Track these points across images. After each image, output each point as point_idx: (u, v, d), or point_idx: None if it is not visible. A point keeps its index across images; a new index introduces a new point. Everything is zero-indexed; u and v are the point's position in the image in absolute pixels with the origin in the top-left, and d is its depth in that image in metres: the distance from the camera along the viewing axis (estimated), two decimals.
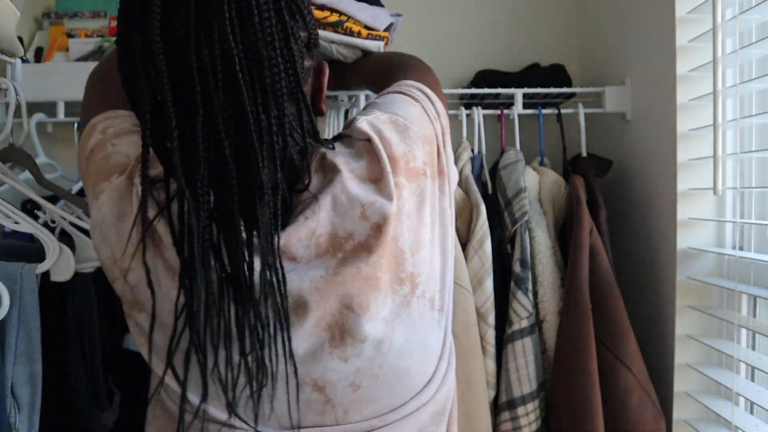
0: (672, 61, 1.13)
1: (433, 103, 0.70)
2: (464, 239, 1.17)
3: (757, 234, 1.06)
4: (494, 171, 1.27)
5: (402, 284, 0.60)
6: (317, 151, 0.62)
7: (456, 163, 1.30)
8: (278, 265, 0.53)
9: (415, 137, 0.64)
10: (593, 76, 1.51)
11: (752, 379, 1.08)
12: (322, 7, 1.10)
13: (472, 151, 1.30)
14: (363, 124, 0.62)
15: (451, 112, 1.34)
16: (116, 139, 0.64)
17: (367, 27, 1.13)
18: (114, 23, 1.43)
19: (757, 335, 1.08)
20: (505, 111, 1.32)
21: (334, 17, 1.12)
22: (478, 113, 1.30)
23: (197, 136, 0.50)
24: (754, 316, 1.08)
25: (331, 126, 1.38)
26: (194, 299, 0.52)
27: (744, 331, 1.09)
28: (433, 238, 0.62)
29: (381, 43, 1.13)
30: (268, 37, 0.51)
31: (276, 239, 0.53)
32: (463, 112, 1.30)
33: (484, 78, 1.44)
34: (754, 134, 1.08)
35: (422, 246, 0.61)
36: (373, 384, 0.60)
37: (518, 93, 1.31)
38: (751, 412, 1.06)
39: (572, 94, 1.39)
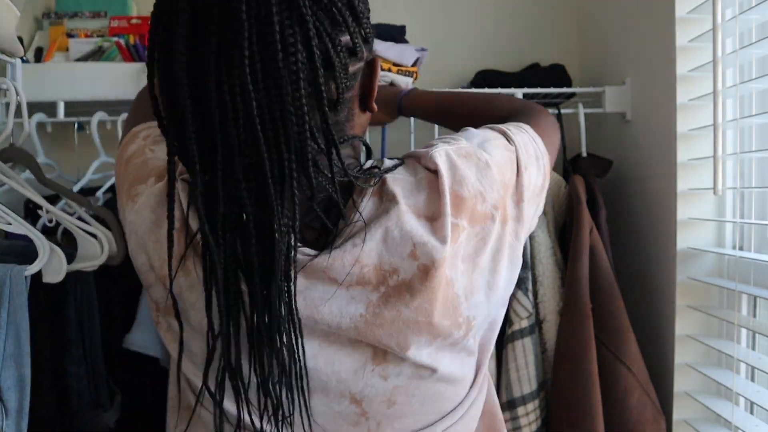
0: (672, 61, 1.13)
1: (520, 156, 0.65)
2: None
3: (757, 234, 1.06)
4: None
5: (459, 328, 0.58)
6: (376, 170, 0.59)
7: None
8: (293, 317, 0.53)
9: (493, 179, 0.60)
10: (593, 76, 1.51)
11: (752, 379, 1.08)
12: None
13: None
14: (440, 154, 0.58)
15: None
16: (155, 146, 0.65)
17: (396, 64, 1.23)
18: (114, 23, 1.43)
19: (757, 335, 1.08)
20: None
21: None
22: None
23: (216, 177, 0.49)
24: (754, 316, 1.08)
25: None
26: (225, 335, 0.53)
27: (744, 331, 1.09)
28: (492, 283, 0.60)
29: (410, 79, 1.23)
30: (292, 75, 0.47)
31: (289, 290, 0.52)
32: None
33: (484, 78, 1.44)
34: (754, 134, 1.08)
35: (476, 290, 0.59)
36: (407, 402, 0.60)
37: (518, 93, 1.31)
38: (751, 412, 1.06)
39: (572, 94, 1.39)
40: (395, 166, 0.60)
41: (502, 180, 0.61)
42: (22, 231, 0.87)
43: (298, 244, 0.55)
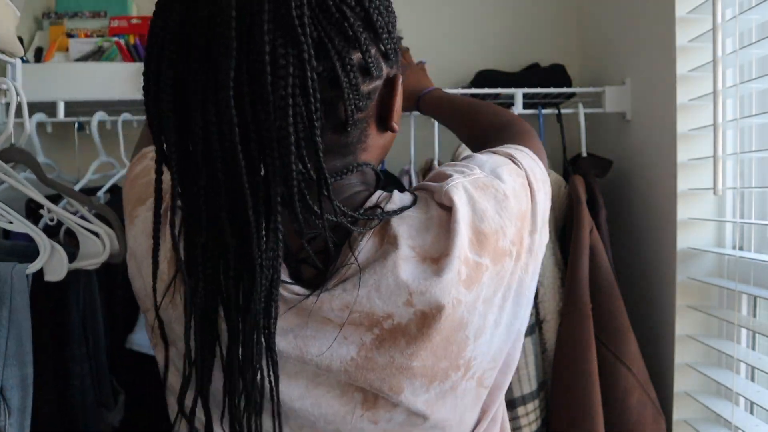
0: (672, 61, 1.13)
1: (531, 180, 0.61)
2: None
3: (757, 234, 1.06)
4: None
5: (458, 370, 0.54)
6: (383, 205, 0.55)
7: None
8: (272, 355, 0.50)
9: (511, 211, 0.55)
10: (593, 76, 1.51)
11: (752, 379, 1.08)
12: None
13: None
14: (456, 189, 0.53)
15: None
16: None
17: None
18: (114, 23, 1.43)
19: (757, 335, 1.09)
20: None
21: None
22: None
23: (199, 202, 0.47)
24: (754, 316, 1.08)
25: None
26: (199, 365, 0.52)
27: (744, 331, 1.09)
28: (498, 320, 0.56)
29: None
30: (280, 101, 0.43)
31: (268, 327, 0.49)
32: None
33: (484, 78, 1.44)
34: (754, 134, 1.08)
35: (485, 330, 0.54)
36: None
37: (518, 93, 1.31)
38: (751, 412, 1.06)
39: (572, 94, 1.39)
40: (403, 208, 0.54)
41: (519, 210, 0.56)
42: (23, 229, 0.87)
43: (291, 282, 0.52)
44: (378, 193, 0.57)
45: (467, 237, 0.52)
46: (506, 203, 0.55)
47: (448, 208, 0.53)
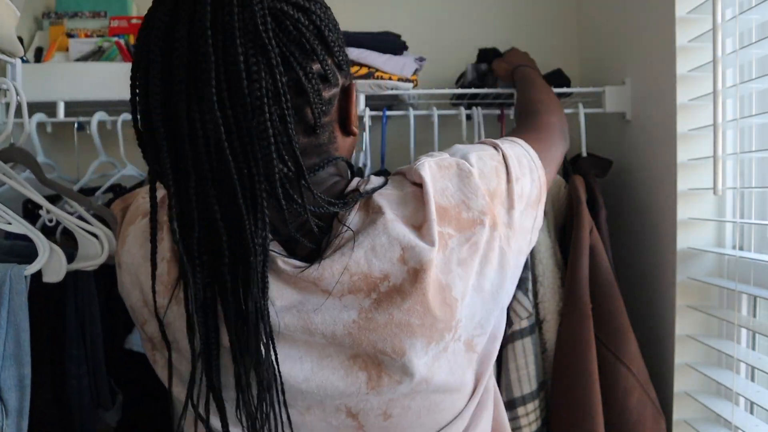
0: (672, 61, 1.13)
1: (510, 165, 0.66)
2: None
3: (757, 234, 1.06)
4: None
5: (450, 330, 0.58)
6: (362, 187, 0.62)
7: None
8: (266, 339, 0.54)
9: (476, 186, 0.61)
10: (593, 76, 1.51)
11: (752, 379, 1.08)
12: (351, 63, 1.20)
13: None
14: (423, 167, 0.61)
15: (451, 111, 1.34)
16: (147, 193, 0.68)
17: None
18: (114, 23, 1.43)
19: (757, 335, 1.09)
20: (505, 111, 1.32)
21: (364, 70, 1.29)
22: (478, 113, 1.30)
23: (190, 200, 0.52)
24: (754, 316, 1.08)
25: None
26: (199, 352, 0.55)
27: (744, 331, 1.09)
28: (480, 285, 0.60)
29: (410, 84, 1.32)
30: (256, 101, 0.50)
31: (264, 309, 0.54)
32: (463, 112, 1.30)
33: (495, 52, 1.44)
34: (754, 134, 1.08)
35: (467, 293, 0.59)
36: (403, 414, 0.60)
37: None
38: (751, 412, 1.06)
39: (570, 93, 1.39)
40: (379, 186, 0.61)
41: (487, 187, 0.62)
42: (21, 230, 0.87)
43: (289, 256, 0.58)
44: (356, 179, 0.63)
45: (434, 208, 0.58)
46: (469, 179, 0.61)
47: (419, 185, 0.59)
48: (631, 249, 1.30)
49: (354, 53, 1.28)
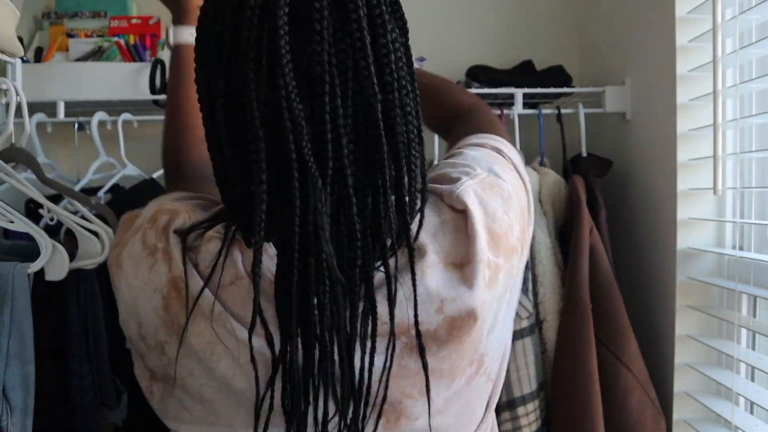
0: (672, 61, 1.13)
1: (521, 172, 0.62)
2: None
3: (757, 234, 1.06)
4: None
5: (472, 365, 0.53)
6: None
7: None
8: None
9: (515, 209, 0.56)
10: (593, 76, 1.51)
11: (752, 379, 1.08)
12: None
13: None
14: (467, 192, 0.53)
15: None
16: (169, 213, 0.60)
17: None
18: (114, 23, 1.43)
19: (757, 335, 1.08)
20: (505, 111, 1.32)
21: None
22: None
23: (293, 225, 0.44)
24: (754, 316, 1.08)
25: None
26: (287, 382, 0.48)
27: (744, 331, 1.09)
28: (507, 315, 0.56)
29: None
30: (400, 79, 0.46)
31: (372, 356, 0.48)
32: None
33: (484, 71, 1.43)
34: (754, 134, 1.08)
35: (497, 325, 0.54)
36: None
37: (518, 93, 1.31)
38: (751, 412, 1.06)
39: (570, 93, 1.39)
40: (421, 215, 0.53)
41: (520, 206, 0.57)
42: (24, 229, 0.87)
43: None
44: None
45: (485, 239, 0.51)
46: (510, 202, 0.55)
47: (461, 211, 0.52)
48: (631, 249, 1.30)
49: None
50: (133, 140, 1.37)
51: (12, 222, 0.87)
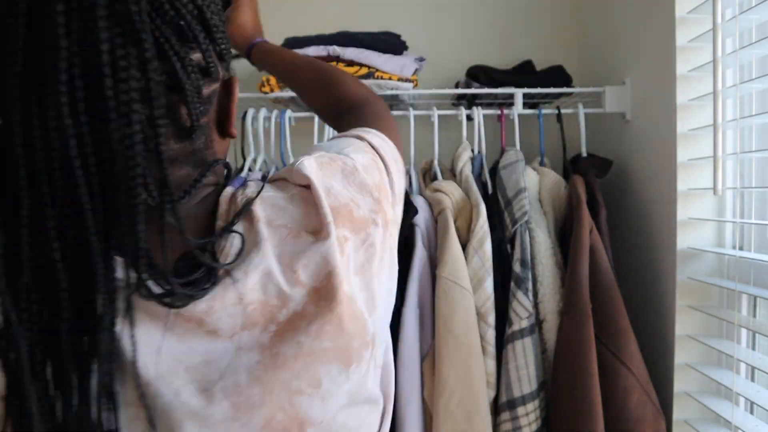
0: (672, 61, 1.13)
1: (383, 155, 0.61)
2: (464, 239, 1.17)
3: (757, 234, 1.06)
4: (494, 171, 1.27)
5: (367, 347, 0.51)
6: (238, 196, 0.51)
7: (456, 163, 1.30)
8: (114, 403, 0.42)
9: (363, 182, 0.55)
10: (593, 76, 1.51)
11: (752, 379, 1.08)
12: (351, 63, 1.29)
13: (472, 151, 1.30)
14: (305, 166, 0.52)
15: (451, 111, 1.34)
16: None
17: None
18: None
19: (757, 335, 1.09)
20: (505, 111, 1.32)
21: (364, 70, 1.30)
22: (478, 113, 1.30)
23: (21, 234, 0.40)
24: (754, 316, 1.08)
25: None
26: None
27: (744, 331, 1.09)
28: (381, 293, 0.54)
29: (410, 84, 1.33)
30: (123, 105, 0.39)
31: (111, 373, 0.42)
32: (463, 112, 1.30)
33: (484, 71, 1.43)
34: (754, 134, 1.08)
35: (377, 303, 0.52)
36: None
37: (518, 93, 1.31)
38: (751, 412, 1.06)
39: (570, 93, 1.39)
40: (259, 190, 0.52)
41: (373, 182, 0.56)
42: None
43: (162, 293, 0.44)
44: (229, 188, 0.52)
45: (329, 209, 0.50)
46: (355, 176, 0.55)
47: (306, 186, 0.52)
48: (631, 249, 1.30)
49: (354, 53, 1.28)
50: None
51: None
